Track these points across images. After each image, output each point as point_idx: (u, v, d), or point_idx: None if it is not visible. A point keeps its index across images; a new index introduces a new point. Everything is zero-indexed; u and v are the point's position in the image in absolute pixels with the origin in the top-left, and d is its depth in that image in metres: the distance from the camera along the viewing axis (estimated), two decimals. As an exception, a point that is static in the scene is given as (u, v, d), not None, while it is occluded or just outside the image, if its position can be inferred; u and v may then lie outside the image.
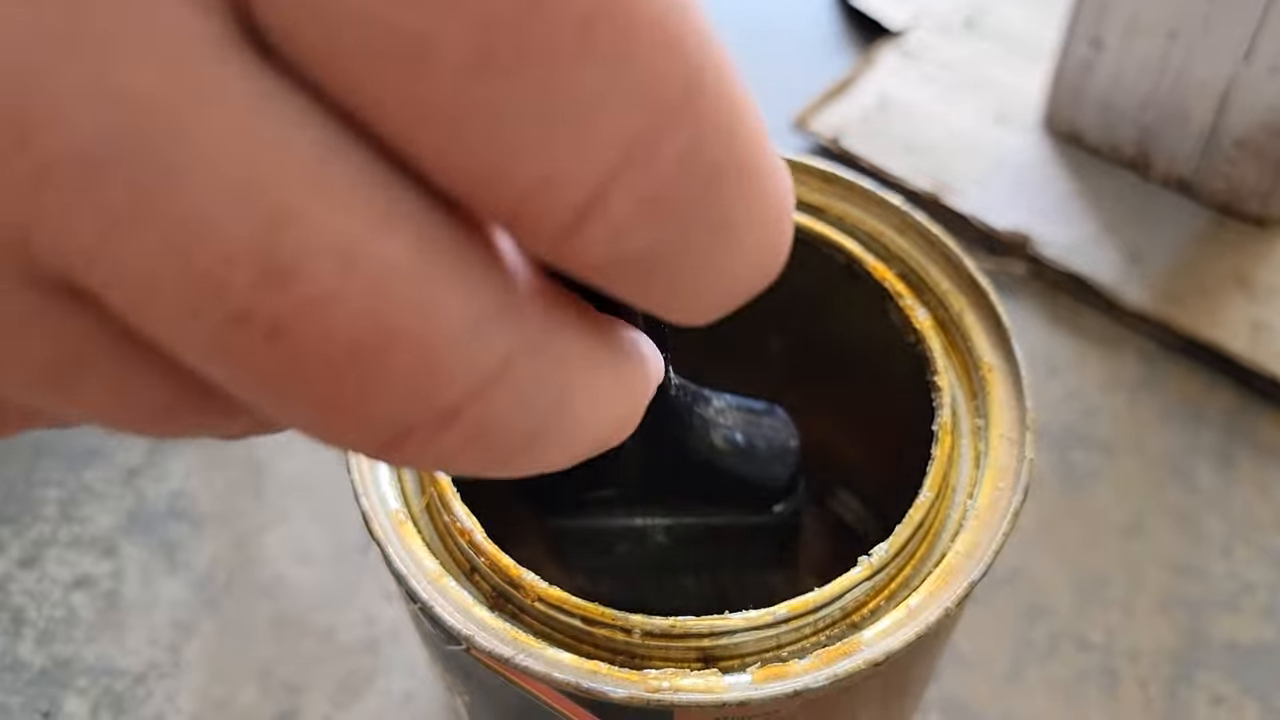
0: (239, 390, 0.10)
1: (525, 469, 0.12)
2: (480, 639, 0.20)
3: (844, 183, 0.27)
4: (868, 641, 0.20)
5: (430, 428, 0.10)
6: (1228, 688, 0.35)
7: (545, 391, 0.11)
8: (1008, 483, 0.23)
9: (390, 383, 0.10)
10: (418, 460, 0.11)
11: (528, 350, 0.11)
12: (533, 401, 0.11)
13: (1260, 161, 0.43)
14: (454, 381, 0.10)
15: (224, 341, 0.09)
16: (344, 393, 0.10)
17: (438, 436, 0.10)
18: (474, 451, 0.11)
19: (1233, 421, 0.41)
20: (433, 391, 0.10)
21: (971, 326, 0.25)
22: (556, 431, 0.11)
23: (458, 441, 0.10)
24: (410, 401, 0.10)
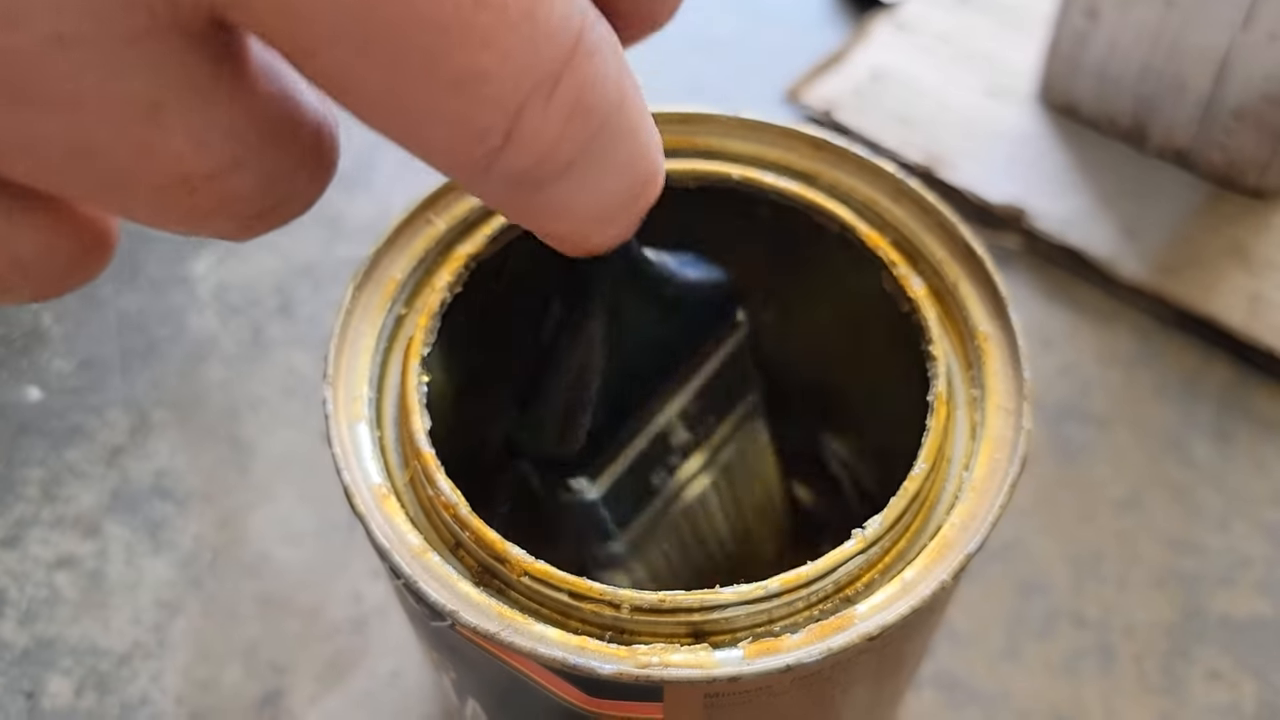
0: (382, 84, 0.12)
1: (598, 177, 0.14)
2: (465, 615, 0.19)
3: (835, 150, 0.26)
4: (862, 615, 0.20)
5: (542, 92, 0.12)
6: (1223, 662, 0.35)
7: (611, 74, 0.13)
8: (1004, 454, 0.22)
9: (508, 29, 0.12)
10: (529, 153, 0.13)
11: (591, 19, 0.13)
12: (605, 79, 0.13)
13: (1259, 132, 0.43)
14: (549, 32, 0.12)
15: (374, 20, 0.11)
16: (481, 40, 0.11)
17: (547, 107, 0.12)
18: (571, 132, 0.13)
19: (1229, 395, 0.41)
20: (537, 40, 0.12)
21: (967, 295, 0.24)
22: (626, 120, 0.13)
23: (561, 114, 0.12)
24: (526, 52, 0.12)
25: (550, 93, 0.12)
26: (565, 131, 0.13)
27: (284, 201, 0.13)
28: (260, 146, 0.13)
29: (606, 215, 0.14)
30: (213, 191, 0.12)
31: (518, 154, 0.12)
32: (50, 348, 0.43)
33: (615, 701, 0.20)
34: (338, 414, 0.22)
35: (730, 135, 0.27)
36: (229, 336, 0.43)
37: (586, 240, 0.15)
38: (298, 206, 0.14)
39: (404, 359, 0.23)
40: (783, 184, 0.26)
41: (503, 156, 0.12)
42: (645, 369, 0.24)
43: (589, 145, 0.13)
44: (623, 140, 0.14)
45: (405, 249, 0.25)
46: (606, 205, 0.14)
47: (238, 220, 0.13)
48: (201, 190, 0.12)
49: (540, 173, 0.13)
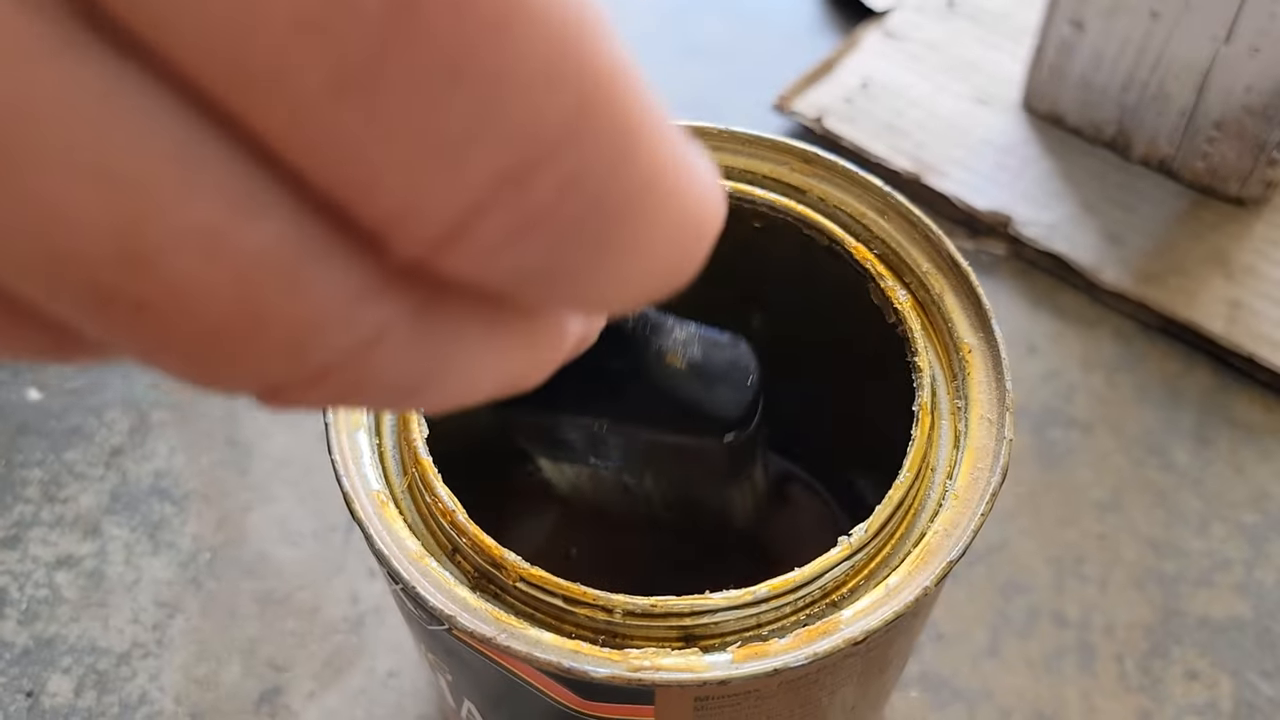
0: (108, 339, 0.10)
1: (404, 410, 0.12)
2: (463, 619, 0.20)
3: (825, 164, 0.27)
4: (847, 620, 0.21)
5: (301, 386, 0.10)
6: (1201, 662, 0.36)
7: (426, 356, 0.11)
8: (986, 463, 0.23)
9: (259, 353, 0.10)
10: (294, 407, 0.11)
11: (407, 321, 0.10)
12: (410, 364, 0.11)
13: (1240, 142, 0.44)
14: (323, 350, 0.10)
15: (90, 308, 0.09)
16: (213, 359, 0.10)
17: (310, 392, 0.10)
18: (350, 400, 0.11)
19: (1209, 401, 0.42)
20: (301, 360, 0.10)
21: (952, 308, 0.25)
22: (438, 387, 0.11)
23: (332, 393, 0.10)
24: (279, 366, 0.10)
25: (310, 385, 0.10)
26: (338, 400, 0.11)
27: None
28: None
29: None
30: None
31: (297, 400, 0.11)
32: (49, 349, 0.44)
33: (608, 704, 0.21)
34: (338, 421, 0.23)
35: (722, 149, 0.27)
36: (226, 339, 0.44)
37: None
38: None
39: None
40: (773, 197, 0.26)
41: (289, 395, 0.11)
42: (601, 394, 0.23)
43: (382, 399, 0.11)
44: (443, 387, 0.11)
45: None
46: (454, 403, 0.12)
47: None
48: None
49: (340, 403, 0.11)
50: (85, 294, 0.09)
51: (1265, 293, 0.43)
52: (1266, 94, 0.42)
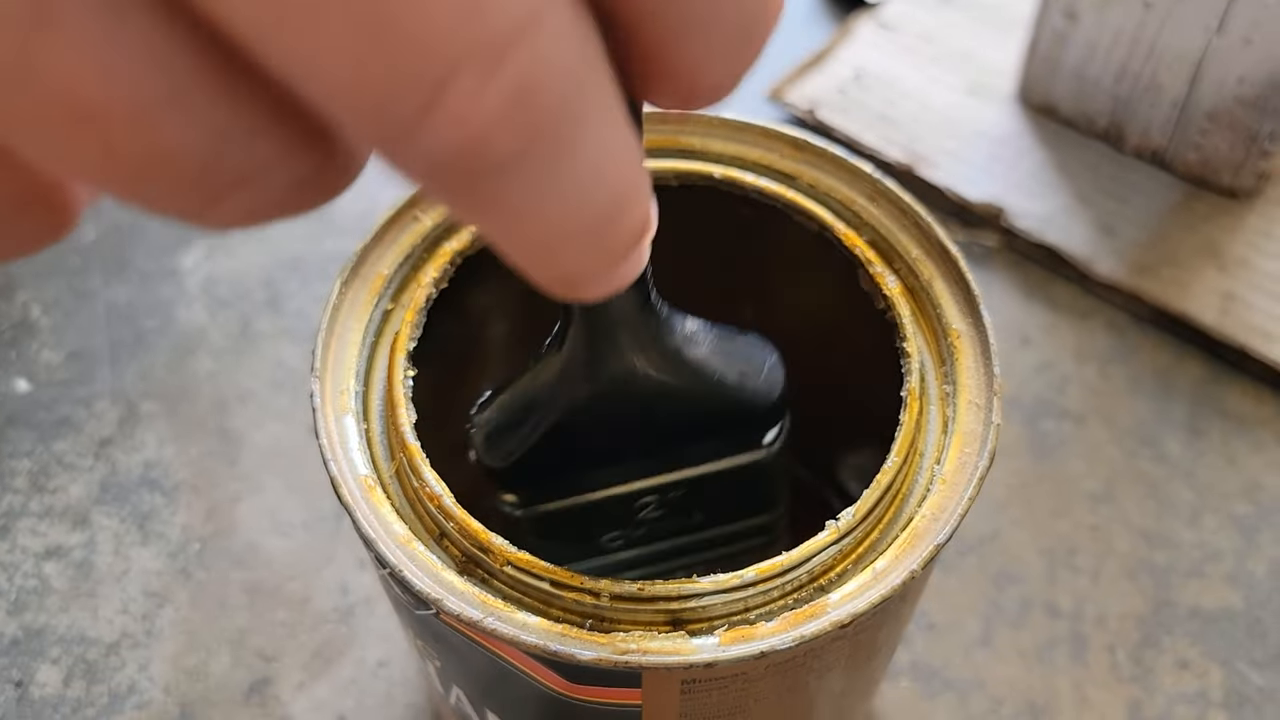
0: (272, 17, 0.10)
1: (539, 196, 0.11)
2: (449, 603, 0.20)
3: (815, 150, 0.27)
4: (834, 604, 0.21)
5: (479, 68, 0.10)
6: (1192, 652, 0.36)
7: (572, 71, 0.11)
8: (974, 448, 0.23)
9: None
10: (445, 135, 0.10)
11: (559, 6, 0.10)
12: (560, 75, 0.11)
13: (1232, 133, 0.44)
14: (506, 7, 0.10)
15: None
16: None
17: (483, 88, 0.10)
18: (507, 125, 0.10)
19: (1202, 392, 0.42)
20: (479, 5, 0.10)
21: (940, 293, 0.25)
22: (576, 148, 0.11)
23: (495, 101, 0.10)
24: (457, 12, 0.10)
25: (491, 70, 0.10)
26: (504, 119, 0.10)
27: (244, 180, 0.11)
28: (197, 91, 0.10)
29: (571, 234, 0.12)
30: (140, 137, 0.10)
31: (439, 131, 0.10)
32: (39, 339, 0.43)
33: (595, 687, 0.21)
34: (325, 406, 0.23)
35: (712, 135, 0.27)
36: (217, 329, 0.44)
37: (555, 266, 0.13)
38: (267, 194, 0.11)
39: (390, 353, 0.24)
40: (763, 183, 0.26)
41: (422, 131, 0.10)
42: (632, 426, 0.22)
43: (536, 143, 0.11)
44: (577, 153, 0.11)
45: (392, 245, 0.25)
46: (561, 229, 0.12)
47: (188, 190, 0.11)
48: (121, 137, 0.10)
49: (474, 161, 0.11)
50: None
51: (1257, 284, 0.43)
52: (1259, 85, 0.42)
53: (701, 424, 0.23)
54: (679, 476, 0.24)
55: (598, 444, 0.23)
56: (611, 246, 0.13)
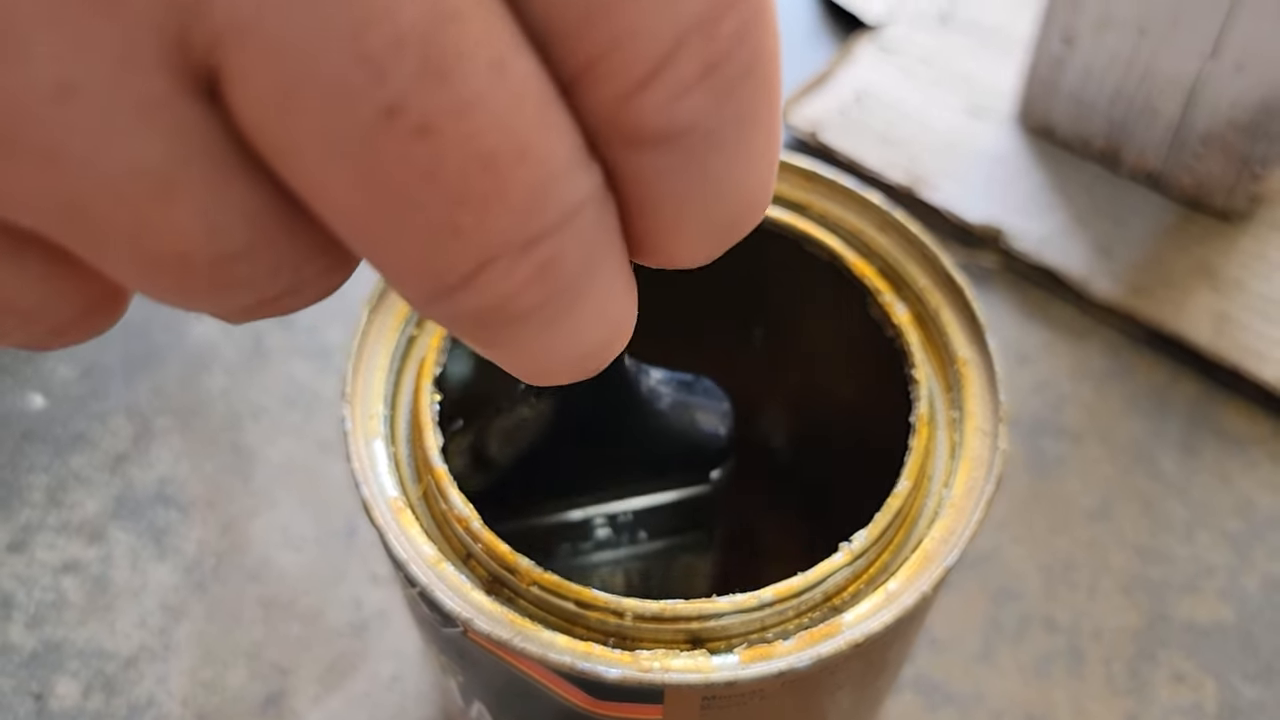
0: (355, 202, 0.11)
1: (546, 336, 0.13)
2: (479, 622, 0.21)
3: (826, 181, 0.28)
4: (848, 624, 0.21)
5: (514, 254, 0.11)
6: (1187, 666, 0.37)
7: (592, 249, 0.12)
8: (981, 473, 0.24)
9: (506, 198, 0.11)
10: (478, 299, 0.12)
11: (595, 201, 0.12)
12: (583, 252, 0.12)
13: (1226, 156, 0.45)
14: (550, 206, 0.11)
15: (367, 138, 0.10)
16: (468, 200, 0.11)
17: (514, 267, 0.11)
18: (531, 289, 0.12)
19: (1196, 411, 0.43)
20: (534, 213, 0.11)
21: (948, 322, 0.25)
22: (585, 299, 0.13)
23: (526, 272, 0.12)
24: (516, 219, 0.11)
25: (523, 254, 0.11)
26: (526, 287, 0.12)
27: (288, 294, 0.12)
28: (275, 234, 0.11)
29: (559, 366, 0.14)
30: (214, 276, 0.11)
31: (472, 298, 0.12)
32: (54, 355, 0.44)
33: (618, 704, 0.22)
34: (356, 431, 0.23)
35: (725, 166, 0.28)
36: (230, 345, 0.45)
37: (541, 381, 0.14)
38: (304, 301, 0.13)
39: (417, 378, 0.24)
40: (776, 213, 0.27)
41: (457, 296, 0.12)
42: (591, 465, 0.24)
43: (547, 304, 0.12)
44: (585, 305, 0.13)
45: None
46: (559, 358, 0.13)
47: (237, 306, 0.12)
48: (203, 273, 0.11)
49: (491, 317, 0.12)
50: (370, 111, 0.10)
51: (1251, 306, 0.44)
52: (1251, 110, 0.43)
53: (657, 464, 0.25)
54: (630, 506, 0.26)
55: (559, 478, 0.25)
56: (598, 365, 0.14)
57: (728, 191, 0.13)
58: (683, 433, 0.25)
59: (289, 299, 0.12)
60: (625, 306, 0.14)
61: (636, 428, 0.24)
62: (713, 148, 0.12)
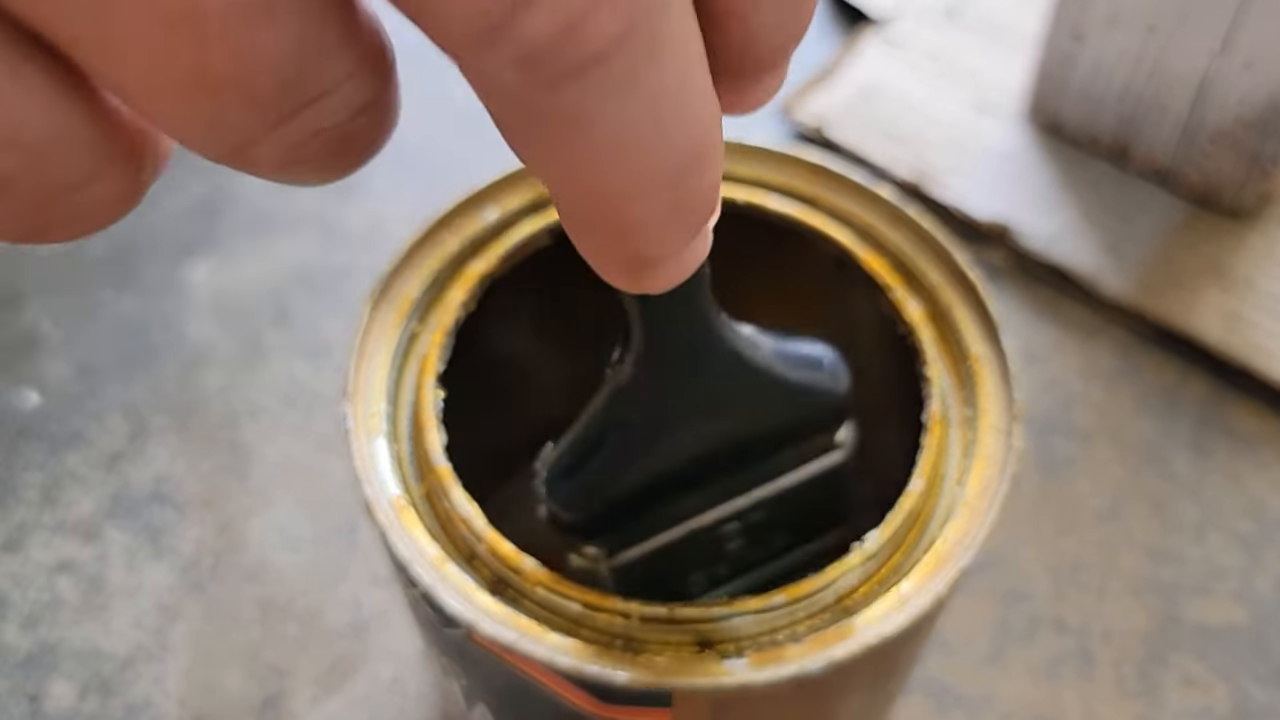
0: None
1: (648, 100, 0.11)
2: (484, 625, 0.20)
3: (835, 175, 0.27)
4: (861, 626, 0.21)
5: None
6: (1198, 668, 0.36)
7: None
8: (995, 471, 0.23)
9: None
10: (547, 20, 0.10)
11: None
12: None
13: (1235, 154, 0.44)
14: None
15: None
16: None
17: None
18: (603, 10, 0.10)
19: (1206, 410, 0.42)
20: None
21: (961, 319, 0.25)
22: (665, 50, 0.11)
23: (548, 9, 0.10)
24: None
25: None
26: (595, 8, 0.10)
27: (327, 96, 0.11)
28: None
29: (648, 182, 0.12)
30: (230, 46, 0.10)
31: (542, 13, 0.10)
32: (49, 352, 0.44)
33: (625, 707, 0.21)
34: (358, 429, 0.23)
35: (735, 160, 0.28)
36: (227, 343, 0.44)
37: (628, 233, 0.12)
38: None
39: (419, 375, 0.24)
40: (785, 208, 0.27)
41: (521, 15, 0.10)
42: (705, 445, 0.22)
43: (631, 32, 0.10)
44: (668, 62, 0.11)
45: (419, 268, 0.26)
46: (649, 161, 0.12)
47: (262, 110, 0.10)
48: (216, 41, 0.10)
49: (561, 56, 0.10)
50: None
51: (1261, 304, 0.43)
52: (1260, 107, 0.42)
53: (775, 431, 0.22)
54: (758, 496, 0.24)
55: (676, 471, 0.22)
56: (687, 206, 0.12)
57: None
58: (795, 385, 0.22)
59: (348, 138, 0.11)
60: (712, 115, 0.12)
61: (745, 386, 0.21)
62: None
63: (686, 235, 0.13)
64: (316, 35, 0.10)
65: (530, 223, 0.26)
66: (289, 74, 0.10)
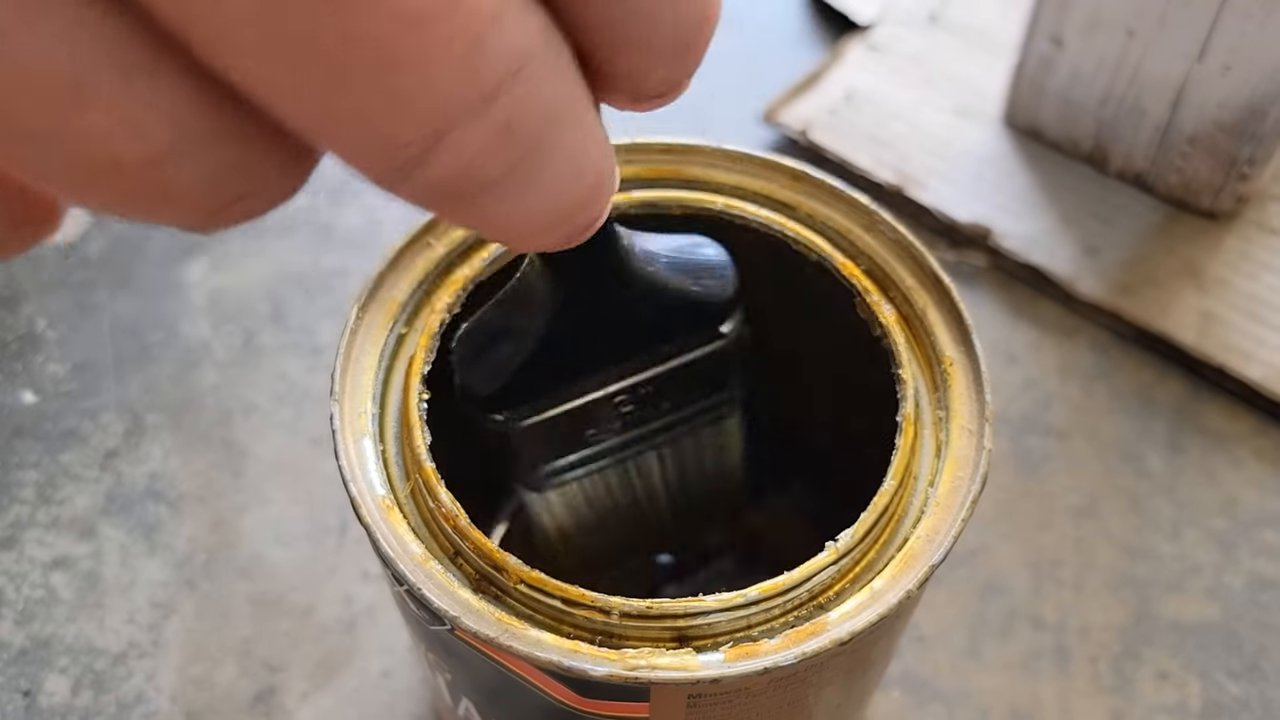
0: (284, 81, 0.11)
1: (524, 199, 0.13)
2: (466, 620, 0.21)
3: (813, 181, 0.28)
4: (833, 622, 0.22)
5: (471, 116, 0.11)
6: (1172, 664, 0.37)
7: (551, 99, 0.12)
8: (967, 472, 0.24)
9: (446, 53, 0.11)
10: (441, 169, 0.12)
11: (546, 43, 0.12)
12: (543, 104, 0.12)
13: (1212, 157, 0.45)
14: (496, 55, 0.11)
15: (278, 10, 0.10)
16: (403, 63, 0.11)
17: (474, 130, 0.11)
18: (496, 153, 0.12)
19: (1182, 409, 0.43)
20: (480, 65, 0.11)
21: (934, 322, 0.26)
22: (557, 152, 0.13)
23: (487, 135, 0.12)
24: (462, 74, 0.11)
25: (480, 114, 0.11)
26: (490, 151, 0.12)
27: (244, 197, 0.12)
28: (209, 136, 0.11)
29: (541, 228, 0.14)
30: (152, 180, 0.11)
31: (436, 168, 0.12)
32: (44, 351, 0.44)
33: (605, 701, 0.22)
34: (344, 429, 0.23)
35: (714, 166, 0.28)
36: (221, 342, 0.45)
37: (527, 246, 0.14)
38: (264, 203, 0.13)
39: (406, 377, 0.25)
40: (764, 214, 0.27)
41: (421, 169, 0.12)
42: (601, 338, 0.24)
43: (516, 166, 0.12)
44: (556, 161, 0.13)
45: (406, 271, 0.26)
46: (540, 220, 0.13)
47: (191, 213, 0.12)
48: (138, 177, 0.11)
49: (461, 187, 0.12)
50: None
51: (1235, 304, 0.44)
52: (1237, 111, 0.43)
53: (666, 324, 0.25)
54: (649, 374, 0.26)
55: (573, 354, 0.24)
56: (584, 225, 0.14)
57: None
58: (685, 288, 0.24)
59: (246, 202, 0.12)
60: (602, 153, 0.14)
61: (637, 289, 0.23)
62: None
63: (586, 234, 0.15)
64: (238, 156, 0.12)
65: (515, 228, 0.27)
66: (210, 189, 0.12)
